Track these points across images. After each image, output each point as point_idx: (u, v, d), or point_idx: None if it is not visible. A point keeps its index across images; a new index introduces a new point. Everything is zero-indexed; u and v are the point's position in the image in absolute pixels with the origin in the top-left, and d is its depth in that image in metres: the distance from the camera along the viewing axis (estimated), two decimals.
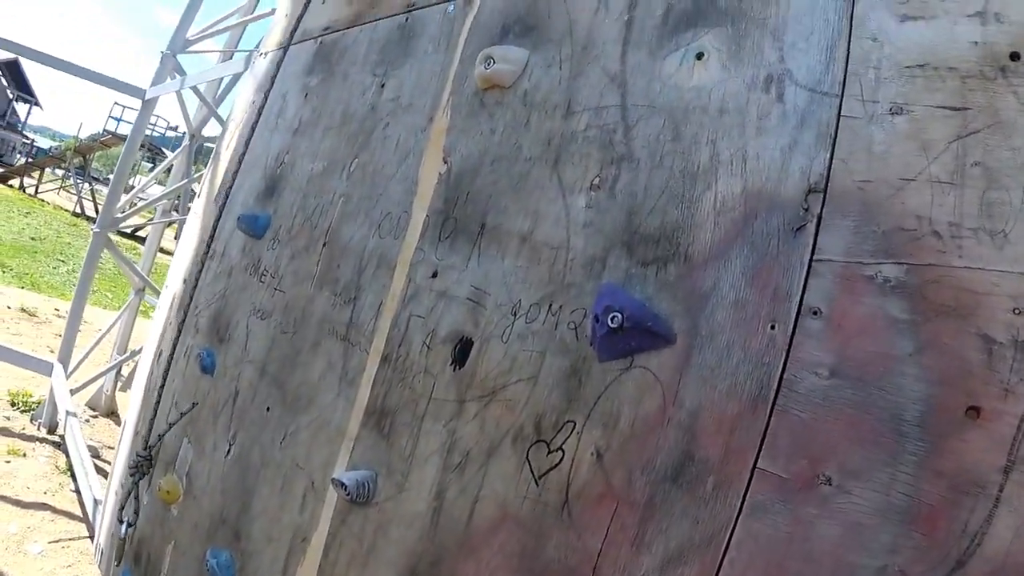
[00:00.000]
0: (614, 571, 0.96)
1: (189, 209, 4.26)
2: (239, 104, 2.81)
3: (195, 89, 4.60)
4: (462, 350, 1.20)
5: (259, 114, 2.47)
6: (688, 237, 1.00)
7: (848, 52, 0.97)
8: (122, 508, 2.36)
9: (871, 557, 0.82)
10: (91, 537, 3.88)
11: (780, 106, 1.01)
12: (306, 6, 2.46)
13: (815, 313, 0.90)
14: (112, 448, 4.99)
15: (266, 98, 2.44)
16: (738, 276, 0.95)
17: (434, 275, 1.33)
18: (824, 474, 0.86)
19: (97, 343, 5.42)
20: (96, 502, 3.46)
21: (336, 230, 1.71)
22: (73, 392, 4.97)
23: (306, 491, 1.55)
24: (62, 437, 4.90)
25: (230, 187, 2.46)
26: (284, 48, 2.49)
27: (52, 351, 5.96)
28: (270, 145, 2.29)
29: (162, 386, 2.37)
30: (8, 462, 4.40)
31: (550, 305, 1.10)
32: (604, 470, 0.98)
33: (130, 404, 2.94)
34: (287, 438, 1.64)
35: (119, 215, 5.03)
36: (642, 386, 0.97)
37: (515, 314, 1.14)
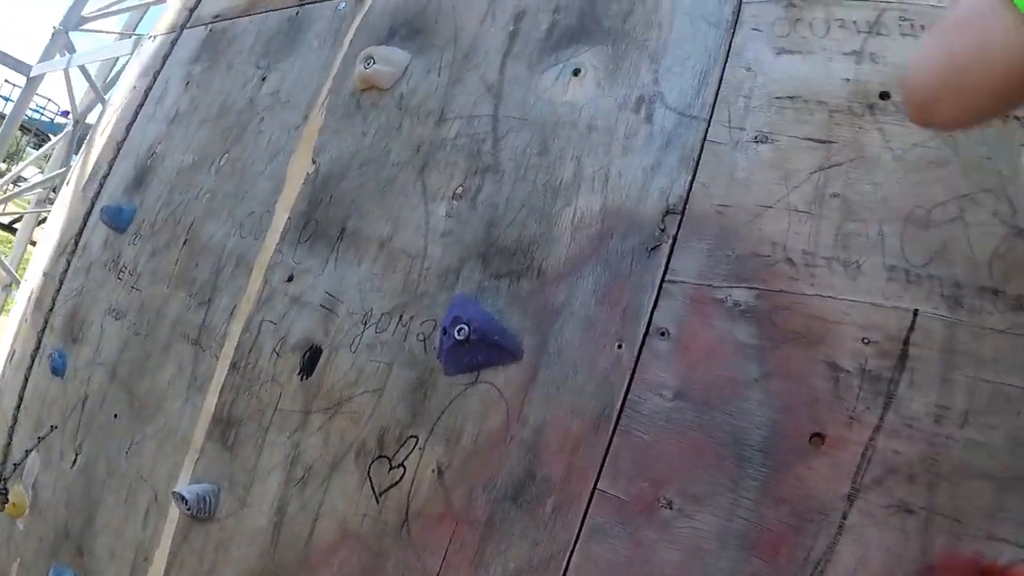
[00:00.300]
0: None
1: None
2: (121, 88, 2.64)
3: (83, 69, 4.29)
4: (311, 359, 1.13)
5: (141, 101, 2.32)
6: (544, 252, 0.97)
7: (721, 79, 0.97)
8: None
9: None
10: None
11: (648, 127, 1.00)
12: None
13: (663, 334, 0.88)
14: None
15: (152, 84, 2.29)
16: (589, 293, 0.92)
17: (290, 279, 1.24)
18: (665, 497, 0.83)
19: None
20: None
21: (198, 227, 1.59)
22: None
23: (149, 505, 1.43)
24: None
25: (105, 176, 2.29)
26: (173, 33, 2.34)
27: None
28: (145, 134, 2.14)
29: (21, 393, 2.16)
30: None
31: (401, 315, 1.05)
32: (445, 488, 0.93)
33: None
34: (133, 447, 1.51)
35: None
36: (487, 402, 0.93)
37: (366, 323, 1.08)
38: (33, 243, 5.35)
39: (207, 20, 2.17)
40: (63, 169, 4.87)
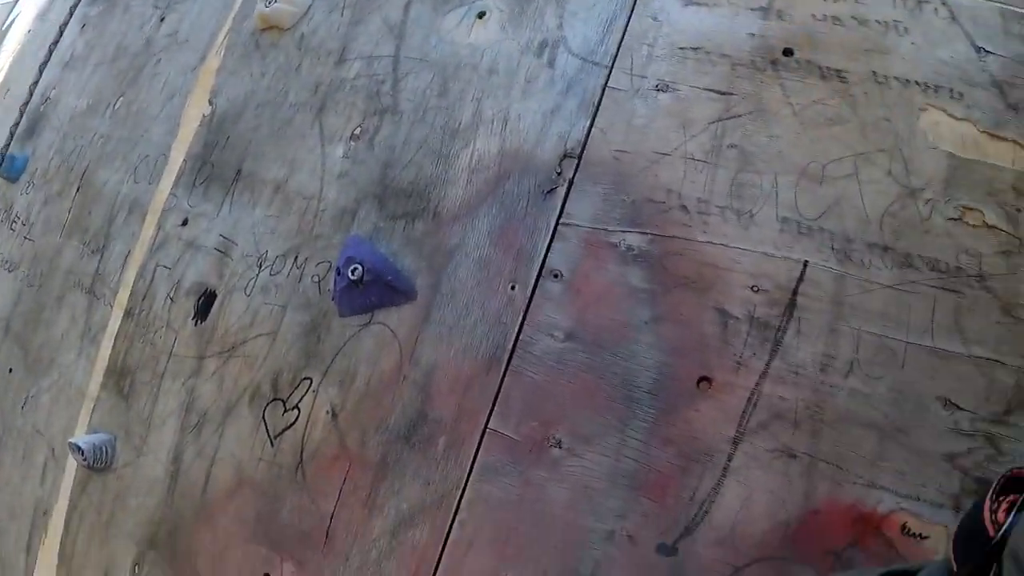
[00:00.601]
0: (347, 535, 0.90)
1: None
2: (12, 33, 2.45)
3: None
4: (205, 303, 1.08)
5: (32, 42, 2.16)
6: (440, 193, 0.94)
7: (627, 27, 0.95)
8: None
9: (600, 521, 0.82)
10: None
11: (549, 71, 0.98)
12: None
13: (556, 276, 0.87)
14: None
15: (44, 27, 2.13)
16: (484, 235, 0.90)
17: (184, 223, 1.18)
18: (555, 437, 0.84)
19: None
20: None
21: (91, 173, 1.50)
22: None
23: (47, 459, 1.36)
24: None
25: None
26: None
27: None
28: (40, 77, 2.00)
29: None
30: None
31: (296, 257, 1.01)
32: (339, 430, 0.91)
33: None
34: (28, 402, 1.43)
35: None
36: (380, 343, 0.91)
37: (260, 266, 1.04)
38: None
39: None
40: None
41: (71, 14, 2.08)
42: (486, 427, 0.85)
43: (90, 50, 1.85)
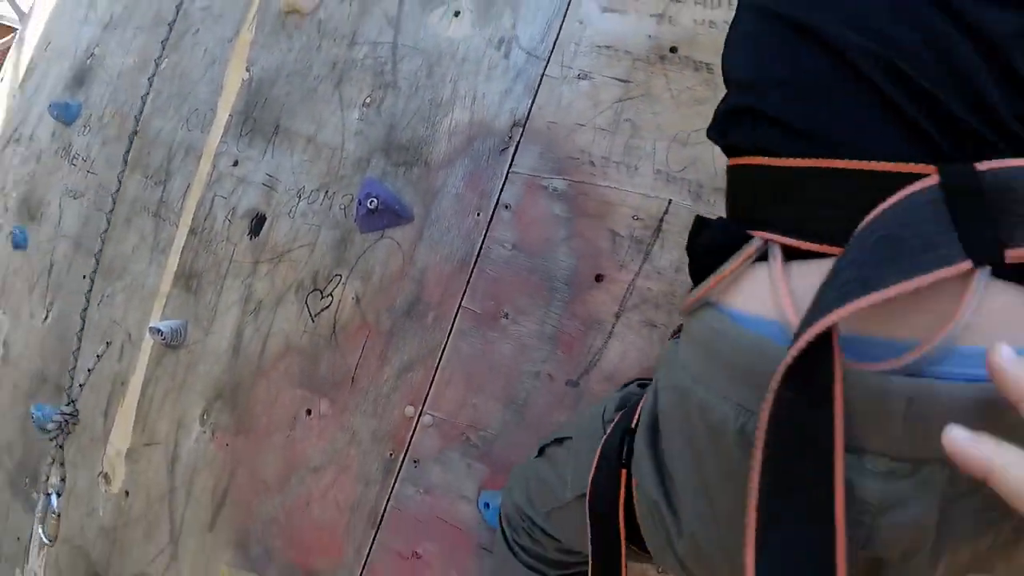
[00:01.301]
0: (366, 379, 1.28)
1: None
2: None
3: None
4: (257, 223, 1.43)
5: (72, 5, 2.39)
6: (428, 149, 1.29)
7: (560, 29, 1.28)
8: None
9: (531, 365, 1.20)
10: None
11: (505, 61, 1.31)
12: None
13: (507, 207, 1.23)
14: None
15: None
16: (459, 179, 1.26)
17: (235, 164, 1.51)
18: (504, 311, 1.21)
19: None
20: None
21: (146, 121, 1.80)
22: None
23: (124, 343, 1.71)
24: None
25: (37, 74, 2.38)
26: None
27: None
28: (79, 37, 2.23)
29: None
30: None
31: (326, 191, 1.35)
32: (361, 310, 1.28)
33: None
34: (104, 300, 1.77)
35: None
36: (389, 251, 1.27)
37: (300, 197, 1.38)
38: None
39: None
40: None
41: None
42: (460, 305, 1.22)
43: (129, 15, 2.09)
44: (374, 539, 1.26)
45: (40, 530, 1.77)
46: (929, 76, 0.47)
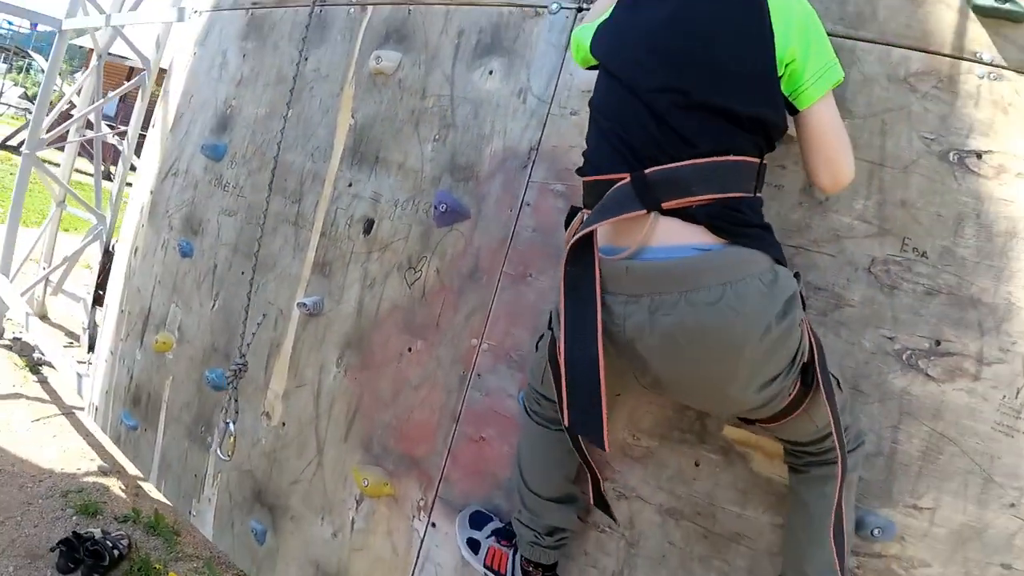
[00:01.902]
0: (445, 323, 2.03)
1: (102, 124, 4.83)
2: (179, 53, 3.54)
3: (117, 28, 5.06)
4: (368, 226, 2.21)
5: (199, 64, 3.26)
6: (478, 168, 2.03)
7: (558, 80, 1.98)
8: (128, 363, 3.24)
9: (547, 306, 1.91)
10: (66, 414, 4.62)
11: (523, 106, 2.02)
12: None
13: (528, 204, 1.95)
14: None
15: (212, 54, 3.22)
16: (498, 187, 1.99)
17: (350, 185, 2.31)
18: (529, 272, 1.93)
19: (30, 252, 5.96)
20: (79, 376, 4.23)
21: (282, 155, 2.62)
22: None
23: (277, 317, 2.54)
24: (12, 340, 5.51)
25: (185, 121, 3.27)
26: (218, 10, 3.25)
27: None
28: (216, 92, 3.09)
29: (154, 273, 3.22)
30: None
31: (413, 200, 2.12)
32: (441, 277, 2.04)
33: (110, 289, 3.75)
34: (260, 287, 2.60)
35: (44, 136, 5.53)
36: (456, 239, 2.02)
37: (396, 205, 2.16)
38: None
39: (247, 5, 3.08)
40: (100, 102, 5.70)
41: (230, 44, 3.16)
42: (502, 271, 1.95)
43: (256, 75, 2.92)
44: (455, 431, 2.01)
45: (219, 451, 2.60)
46: (626, 129, 1.28)
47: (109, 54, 5.87)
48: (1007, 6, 1.51)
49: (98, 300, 6.03)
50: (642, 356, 1.29)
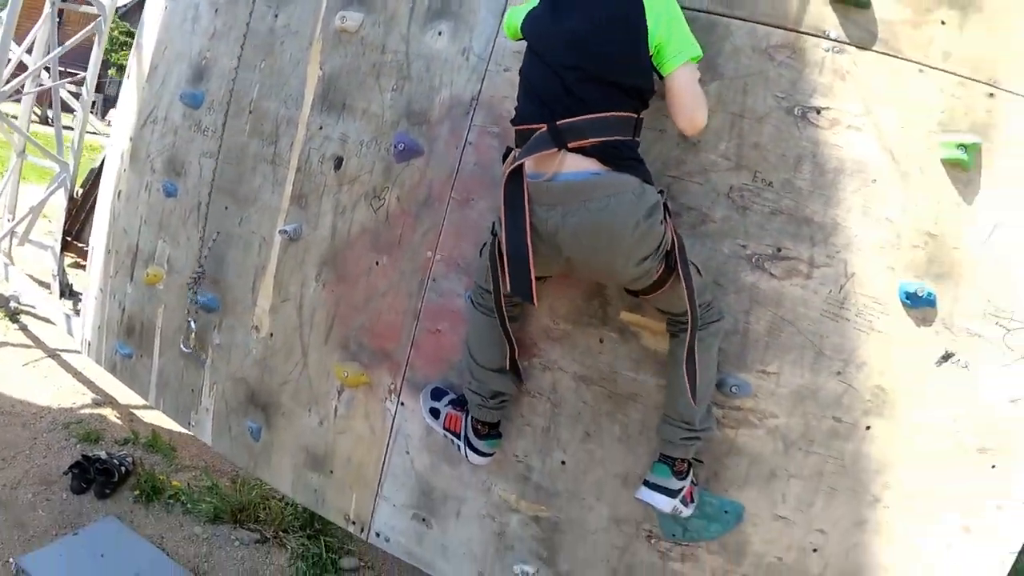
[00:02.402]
0: (407, 241, 2.57)
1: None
2: (150, 7, 3.92)
3: None
4: (339, 162, 2.72)
5: (172, 17, 3.66)
6: (430, 114, 2.54)
7: (495, 43, 2.47)
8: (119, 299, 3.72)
9: (487, 223, 2.47)
10: (51, 356, 5.06)
11: (466, 63, 2.51)
12: None
13: (470, 144, 2.47)
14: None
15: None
16: (446, 130, 2.50)
17: (320, 128, 2.80)
18: (471, 198, 2.47)
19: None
20: (67, 316, 4.68)
21: (257, 103, 3.08)
22: None
23: (261, 244, 3.05)
24: None
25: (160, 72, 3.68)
26: None
27: None
28: (191, 45, 3.49)
29: (140, 213, 3.68)
30: None
31: (376, 141, 2.64)
32: (401, 203, 2.57)
33: (94, 231, 4.18)
34: (243, 220, 3.10)
35: (3, 88, 5.83)
36: (412, 172, 2.54)
37: (362, 145, 2.67)
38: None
39: None
40: (57, 51, 5.98)
41: None
42: (450, 197, 2.49)
43: (228, 29, 3.33)
44: (416, 326, 2.58)
45: (182, 345, 3.12)
46: (545, 93, 1.89)
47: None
48: None
49: (65, 246, 6.44)
50: (558, 245, 1.92)
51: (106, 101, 18.63)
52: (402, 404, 2.62)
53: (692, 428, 2.06)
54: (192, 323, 2.96)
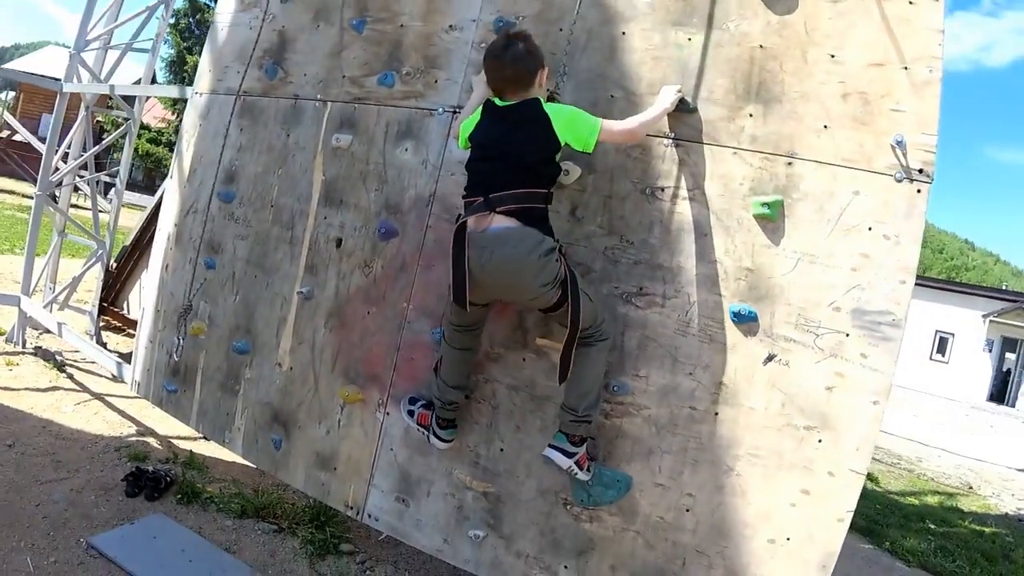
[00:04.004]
0: (389, 296, 3.55)
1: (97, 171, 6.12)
2: (188, 123, 4.94)
3: (113, 89, 6.40)
4: (339, 242, 3.72)
5: (205, 133, 4.70)
6: (402, 206, 3.56)
7: (444, 154, 3.52)
8: (169, 348, 4.67)
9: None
10: (98, 398, 5.96)
11: (425, 170, 3.52)
12: (224, 71, 4.68)
13: (430, 227, 3.47)
14: (69, 352, 6.90)
15: (215, 126, 4.67)
16: (414, 217, 3.50)
17: (325, 217, 3.81)
18: (434, 264, 3.47)
19: (40, 276, 7.24)
20: (119, 363, 5.60)
21: (276, 200, 4.10)
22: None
23: (282, 303, 4.01)
24: (35, 348, 6.83)
25: (198, 174, 4.71)
26: (217, 95, 4.70)
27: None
28: (222, 154, 4.51)
29: (188, 280, 4.67)
30: (11, 369, 6.21)
31: (366, 226, 3.63)
32: (384, 270, 3.55)
33: (144, 296, 5.13)
34: (268, 284, 4.08)
35: (52, 179, 6.84)
36: (392, 248, 3.52)
37: (355, 229, 3.65)
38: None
39: (238, 92, 4.53)
40: (92, 151, 7.01)
41: (230, 121, 4.62)
42: (418, 264, 3.48)
43: (252, 143, 4.36)
44: (397, 355, 3.54)
45: (174, 355, 4.08)
46: (483, 177, 2.76)
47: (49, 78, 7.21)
48: (689, 106, 2.93)
49: (102, 311, 7.39)
50: (486, 275, 2.62)
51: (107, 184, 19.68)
52: (387, 413, 3.55)
53: (577, 413, 2.71)
54: (180, 340, 3.93)
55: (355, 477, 3.65)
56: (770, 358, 2.64)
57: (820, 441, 2.52)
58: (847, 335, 2.54)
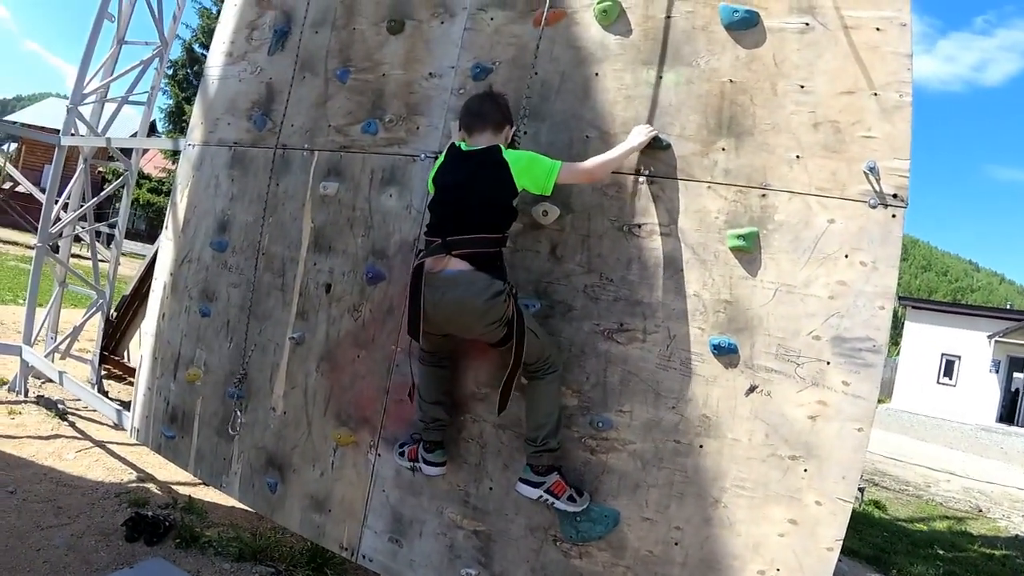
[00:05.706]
0: (378, 339, 3.55)
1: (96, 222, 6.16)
2: (182, 174, 4.99)
3: (109, 142, 6.48)
4: (328, 287, 3.72)
5: (198, 184, 4.74)
6: (388, 251, 3.58)
7: (427, 199, 3.56)
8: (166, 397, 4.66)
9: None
10: (99, 445, 5.93)
11: (409, 215, 3.56)
12: (215, 123, 4.73)
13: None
14: (70, 400, 6.89)
15: (204, 177, 4.71)
16: (399, 261, 3.53)
17: (314, 263, 3.83)
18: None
19: (42, 325, 7.24)
20: (118, 411, 5.58)
21: (267, 248, 4.12)
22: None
23: (275, 348, 4.01)
24: (37, 398, 6.81)
25: (192, 225, 4.75)
26: (209, 146, 4.75)
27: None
28: (215, 204, 4.55)
29: (182, 329, 4.67)
30: (13, 418, 6.18)
31: (354, 271, 3.63)
32: (372, 313, 3.55)
33: (142, 345, 5.13)
34: (262, 330, 4.08)
35: (52, 230, 6.88)
36: (379, 291, 3.52)
37: (344, 274, 3.66)
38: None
39: (229, 143, 4.58)
40: (92, 201, 7.07)
41: (224, 171, 4.66)
42: (405, 306, 3.49)
43: (243, 193, 4.39)
44: (387, 398, 3.53)
45: (230, 429, 4.06)
46: (442, 220, 2.84)
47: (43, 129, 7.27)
48: (662, 143, 2.94)
49: (103, 359, 7.38)
50: (439, 312, 2.71)
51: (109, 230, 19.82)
52: (379, 455, 3.52)
53: (536, 444, 2.77)
54: (240, 413, 3.91)
55: (349, 518, 3.61)
56: (752, 389, 2.61)
57: (805, 470, 2.48)
58: (828, 363, 2.51)
